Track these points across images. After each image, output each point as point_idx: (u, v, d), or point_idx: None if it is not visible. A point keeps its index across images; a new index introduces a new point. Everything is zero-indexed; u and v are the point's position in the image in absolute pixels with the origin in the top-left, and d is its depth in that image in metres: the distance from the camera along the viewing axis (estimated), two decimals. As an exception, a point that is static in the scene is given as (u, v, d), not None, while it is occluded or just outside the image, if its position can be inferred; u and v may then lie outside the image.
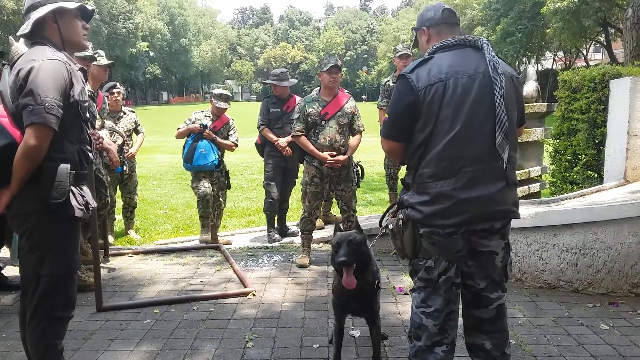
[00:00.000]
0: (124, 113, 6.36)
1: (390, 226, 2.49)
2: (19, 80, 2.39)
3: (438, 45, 2.42)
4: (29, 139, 2.32)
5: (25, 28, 2.54)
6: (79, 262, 2.65)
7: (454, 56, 2.36)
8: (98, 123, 4.78)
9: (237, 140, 6.10)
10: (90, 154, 2.66)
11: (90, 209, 2.63)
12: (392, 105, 2.45)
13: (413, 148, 2.38)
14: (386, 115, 2.49)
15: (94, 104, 4.61)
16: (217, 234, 6.23)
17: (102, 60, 4.90)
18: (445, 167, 2.28)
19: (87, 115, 2.63)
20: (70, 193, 2.46)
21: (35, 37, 2.56)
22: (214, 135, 5.83)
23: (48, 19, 2.53)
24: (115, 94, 6.15)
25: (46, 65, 2.39)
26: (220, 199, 6.09)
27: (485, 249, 2.41)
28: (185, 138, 5.91)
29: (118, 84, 6.32)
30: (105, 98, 5.74)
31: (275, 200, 6.17)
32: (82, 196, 2.56)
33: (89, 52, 4.29)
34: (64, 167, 2.43)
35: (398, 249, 2.51)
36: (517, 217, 2.44)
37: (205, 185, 5.80)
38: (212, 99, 6.00)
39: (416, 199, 2.36)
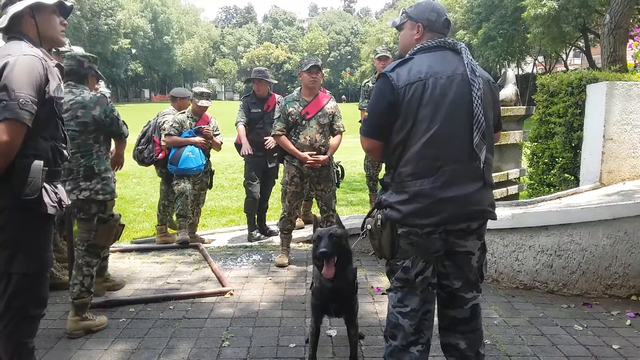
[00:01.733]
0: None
1: (369, 226, 2.49)
2: None
3: (419, 47, 2.44)
4: (2, 134, 2.28)
5: (2, 22, 2.52)
6: (51, 260, 2.61)
7: (434, 57, 2.39)
8: None
9: (222, 139, 6.11)
10: (65, 152, 2.63)
11: (64, 206, 2.59)
12: (372, 103, 2.46)
13: (392, 147, 2.39)
14: (366, 114, 2.50)
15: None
16: (197, 232, 6.19)
17: None
18: (425, 165, 2.29)
19: (62, 110, 2.60)
20: (43, 190, 2.43)
21: (11, 32, 2.53)
22: (211, 134, 5.86)
23: (25, 14, 2.50)
24: None
25: (21, 60, 2.36)
26: (200, 198, 6.07)
27: (461, 249, 2.42)
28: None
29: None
30: None
31: (256, 199, 6.15)
32: (55, 193, 2.53)
33: (66, 48, 4.22)
34: (37, 164, 2.40)
35: (376, 249, 2.51)
36: (494, 217, 2.46)
37: (186, 182, 5.76)
38: (194, 98, 5.95)
39: (395, 198, 2.36)
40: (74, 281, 3.54)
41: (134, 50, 67.57)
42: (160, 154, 5.90)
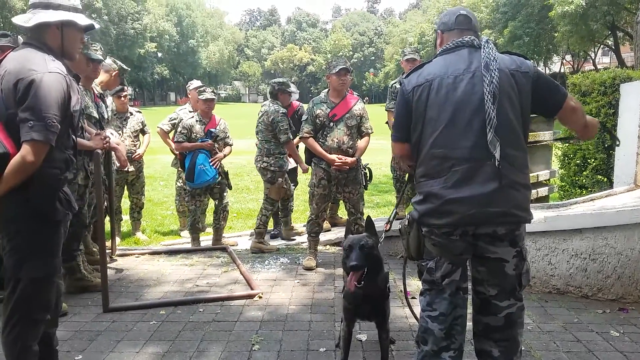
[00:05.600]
0: (131, 114, 6.36)
1: (399, 226, 2.53)
2: (18, 92, 2.34)
3: (440, 50, 2.49)
4: (28, 155, 2.30)
5: (27, 21, 2.51)
6: (59, 266, 2.62)
7: (449, 58, 2.41)
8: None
9: (232, 142, 6.05)
10: (73, 158, 2.65)
11: (74, 209, 2.64)
12: (395, 109, 2.58)
13: (413, 150, 2.48)
14: (393, 119, 2.60)
15: (104, 106, 4.61)
16: (223, 235, 6.18)
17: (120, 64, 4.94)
18: (435, 166, 2.33)
19: (76, 122, 2.62)
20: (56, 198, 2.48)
21: (32, 38, 2.53)
22: (215, 147, 5.74)
23: (53, 26, 2.52)
24: (122, 98, 6.15)
25: (47, 78, 2.35)
26: (225, 201, 5.96)
27: (492, 255, 2.38)
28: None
29: (125, 87, 6.33)
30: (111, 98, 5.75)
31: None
32: (66, 199, 2.56)
33: (99, 55, 4.29)
34: (54, 173, 2.44)
35: (405, 250, 2.57)
36: (523, 221, 2.38)
37: (202, 198, 5.84)
38: (197, 95, 5.82)
39: (415, 199, 2.45)
40: (258, 216, 5.85)
41: (160, 54, 68.41)
42: None
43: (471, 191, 2.25)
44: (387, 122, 6.34)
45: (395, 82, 6.68)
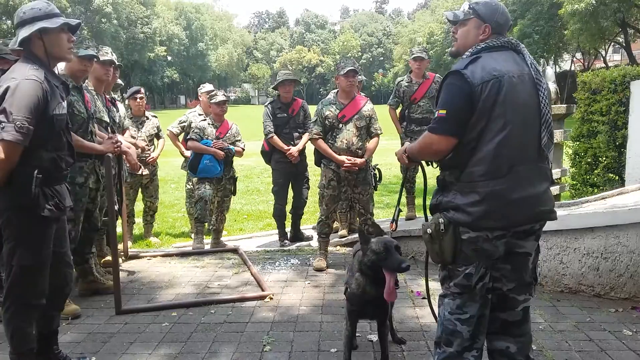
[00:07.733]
0: (147, 118, 6.40)
1: (429, 230, 2.39)
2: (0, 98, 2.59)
3: (483, 46, 2.39)
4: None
5: (14, 44, 2.80)
6: (49, 256, 2.82)
7: (501, 57, 2.36)
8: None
9: (244, 145, 6.00)
10: (68, 158, 2.88)
11: (62, 208, 2.82)
12: (449, 100, 2.34)
13: (462, 145, 2.32)
14: (442, 112, 2.33)
15: (114, 109, 4.66)
16: (221, 238, 6.12)
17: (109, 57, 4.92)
18: (499, 165, 2.26)
19: (64, 125, 2.82)
20: (41, 194, 2.67)
21: (25, 52, 2.77)
22: (223, 154, 5.69)
23: (34, 37, 2.72)
24: (138, 100, 6.19)
25: (22, 85, 2.58)
26: (224, 205, 5.94)
27: (521, 250, 2.38)
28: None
29: (142, 89, 6.37)
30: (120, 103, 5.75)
31: (283, 206, 6.16)
32: (53, 197, 2.76)
33: (108, 57, 4.33)
34: (32, 172, 2.63)
35: (435, 254, 2.41)
36: (556, 218, 2.44)
37: (206, 187, 5.69)
38: (208, 100, 5.84)
39: (462, 200, 2.30)
40: None
41: (169, 58, 68.71)
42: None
43: (529, 191, 2.28)
44: (392, 117, 6.33)
45: (402, 80, 6.57)
